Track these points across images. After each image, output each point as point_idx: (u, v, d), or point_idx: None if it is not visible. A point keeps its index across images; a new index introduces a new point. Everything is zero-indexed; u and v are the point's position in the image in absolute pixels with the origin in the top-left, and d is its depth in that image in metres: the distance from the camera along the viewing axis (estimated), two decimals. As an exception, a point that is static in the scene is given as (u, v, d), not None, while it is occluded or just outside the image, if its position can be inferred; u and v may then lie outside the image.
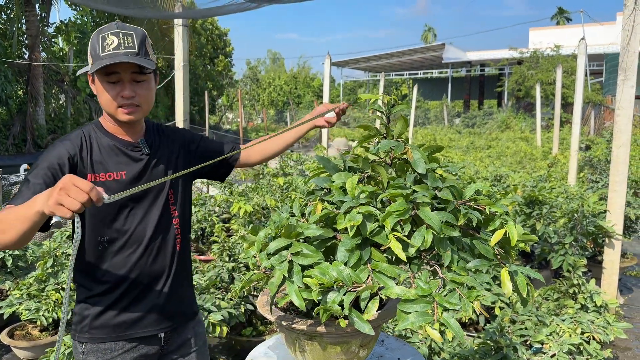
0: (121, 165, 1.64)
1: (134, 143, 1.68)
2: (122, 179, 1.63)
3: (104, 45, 1.53)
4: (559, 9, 49.32)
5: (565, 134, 14.35)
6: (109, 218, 1.62)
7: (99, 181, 1.60)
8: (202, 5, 6.43)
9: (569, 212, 4.36)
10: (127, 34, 1.56)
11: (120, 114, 1.60)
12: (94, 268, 1.65)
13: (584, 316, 3.23)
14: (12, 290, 3.69)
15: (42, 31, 19.52)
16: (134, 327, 1.69)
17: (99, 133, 1.66)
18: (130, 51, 1.54)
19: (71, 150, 1.57)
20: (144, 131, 1.74)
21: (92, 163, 1.60)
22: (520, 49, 26.56)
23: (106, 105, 1.59)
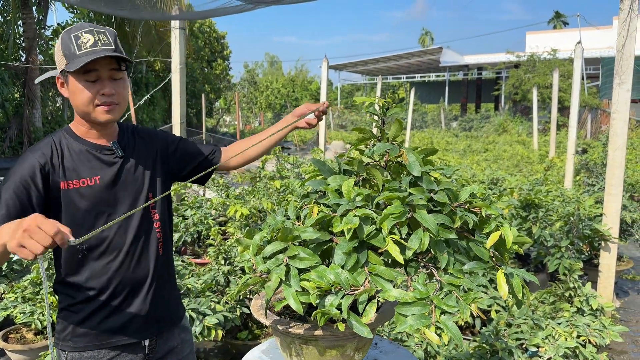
0: (94, 170, 1.60)
1: (107, 146, 1.64)
2: (97, 184, 1.59)
3: (79, 44, 1.50)
4: (555, 13, 49.56)
5: (562, 137, 14.40)
6: (87, 225, 1.58)
7: (73, 188, 1.56)
8: (198, 7, 6.43)
9: (565, 216, 4.37)
10: (101, 32, 1.54)
11: (100, 113, 1.56)
12: (74, 276, 1.62)
13: (580, 320, 3.23)
14: (6, 293, 3.67)
15: (39, 34, 19.51)
16: (117, 334, 1.65)
17: (70, 138, 1.62)
18: (108, 47, 1.52)
19: (41, 159, 1.53)
20: (116, 133, 1.69)
21: (64, 170, 1.56)
22: (517, 53, 26.65)
23: (84, 105, 1.54)
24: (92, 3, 7.34)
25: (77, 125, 1.63)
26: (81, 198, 1.56)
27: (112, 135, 1.67)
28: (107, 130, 1.65)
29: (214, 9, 5.47)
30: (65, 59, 1.52)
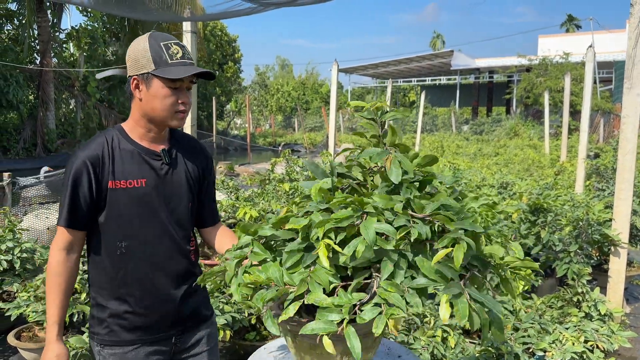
0: (142, 172, 1.69)
1: (156, 152, 1.72)
2: (142, 187, 1.68)
3: (170, 53, 1.63)
4: (568, 16, 49.22)
5: (574, 141, 14.28)
6: (127, 225, 1.68)
7: (119, 188, 1.65)
8: (210, 9, 6.50)
9: (574, 220, 4.35)
10: (183, 46, 1.69)
11: (175, 120, 1.68)
12: (111, 271, 1.71)
13: (588, 324, 3.22)
14: (19, 292, 3.73)
15: (54, 37, 19.76)
16: (148, 330, 1.74)
17: (122, 139, 1.70)
18: (193, 62, 1.68)
19: (91, 159, 1.63)
20: (167, 140, 1.78)
21: (114, 170, 1.65)
22: (529, 56, 26.51)
23: (164, 109, 1.65)
24: (106, 6, 7.44)
25: (134, 126, 1.72)
26: (126, 198, 1.66)
27: (163, 141, 1.76)
28: (161, 136, 1.74)
29: (223, 12, 5.53)
30: (153, 63, 1.61)
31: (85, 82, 20.74)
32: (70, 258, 1.68)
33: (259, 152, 24.50)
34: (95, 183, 1.63)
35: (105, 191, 1.65)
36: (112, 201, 1.65)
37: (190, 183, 1.80)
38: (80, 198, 1.63)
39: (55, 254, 1.66)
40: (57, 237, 1.67)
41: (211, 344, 1.93)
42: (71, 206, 1.63)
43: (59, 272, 1.66)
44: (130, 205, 1.67)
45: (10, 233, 4.14)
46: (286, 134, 33.97)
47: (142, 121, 1.70)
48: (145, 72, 1.63)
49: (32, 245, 4.28)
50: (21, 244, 4.11)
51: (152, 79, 1.62)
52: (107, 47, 22.68)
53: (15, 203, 6.07)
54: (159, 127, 1.71)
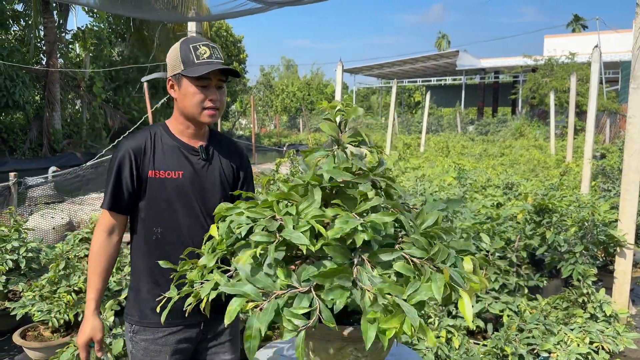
0: (180, 165, 1.82)
1: (195, 148, 1.86)
2: (179, 178, 1.81)
3: (198, 54, 1.75)
4: (574, 16, 49.02)
5: (580, 142, 14.22)
6: (162, 213, 1.81)
7: (159, 177, 1.80)
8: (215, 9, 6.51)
9: (579, 221, 4.33)
10: (214, 47, 1.80)
11: (205, 116, 1.80)
12: (147, 255, 1.84)
13: (593, 326, 3.20)
14: (25, 291, 3.75)
15: (60, 38, 19.85)
16: (178, 315, 1.79)
17: (164, 134, 1.85)
18: (221, 61, 1.78)
19: (134, 149, 1.79)
20: (206, 137, 1.91)
21: (154, 161, 1.80)
22: (535, 57, 26.40)
23: (193, 107, 1.78)
24: (111, 6, 7.47)
25: (175, 123, 1.87)
26: (164, 188, 1.80)
27: (202, 138, 1.89)
28: (200, 132, 1.87)
29: (228, 12, 5.54)
30: (182, 64, 1.76)
31: (91, 83, 20.81)
32: (111, 240, 1.83)
33: (264, 153, 24.52)
34: (137, 171, 1.78)
35: (146, 179, 1.79)
36: (151, 189, 1.80)
37: (224, 179, 1.90)
38: (123, 184, 1.77)
39: (98, 236, 1.82)
40: (100, 220, 1.83)
41: (233, 334, 2.01)
42: (114, 191, 1.77)
43: (101, 253, 1.81)
44: (167, 195, 1.80)
45: (16, 233, 4.16)
46: (291, 134, 33.98)
47: (180, 118, 1.84)
48: (176, 73, 1.78)
49: (38, 244, 4.30)
50: (27, 244, 4.13)
51: (182, 79, 1.77)
52: (113, 48, 22.76)
53: (21, 203, 6.10)
54: (195, 124, 1.83)
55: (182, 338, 1.87)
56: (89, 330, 1.80)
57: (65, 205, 6.27)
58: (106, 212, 1.81)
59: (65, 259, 3.70)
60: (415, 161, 10.98)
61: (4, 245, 4.03)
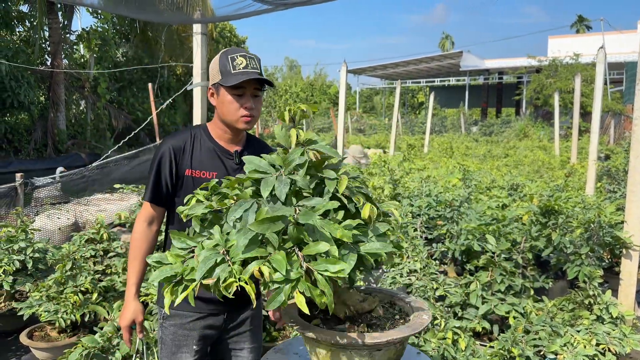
0: (215, 167, 1.95)
1: (230, 151, 1.98)
2: (213, 179, 1.86)
3: (235, 64, 1.86)
4: (578, 17, 48.88)
5: (584, 143, 14.18)
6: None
7: (195, 176, 1.92)
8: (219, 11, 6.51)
9: (585, 222, 4.32)
10: (251, 57, 1.90)
11: (241, 123, 1.91)
12: None
13: (600, 327, 3.20)
14: (31, 292, 3.76)
15: (64, 38, 19.91)
16: (203, 303, 1.95)
17: (204, 136, 1.98)
18: (256, 71, 1.87)
19: (175, 147, 1.92)
20: (243, 142, 2.03)
21: (192, 161, 1.93)
22: (539, 57, 26.34)
23: (230, 114, 1.90)
24: (116, 7, 7.49)
25: (215, 127, 1.99)
26: (197, 186, 1.85)
27: (239, 143, 2.01)
28: (237, 137, 2.00)
29: (233, 13, 5.54)
30: (220, 74, 1.88)
31: (95, 84, 20.86)
32: (151, 230, 1.97)
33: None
34: (176, 167, 1.91)
35: (182, 176, 1.92)
36: (186, 186, 1.92)
37: None
38: (162, 178, 1.91)
39: (138, 225, 1.96)
40: (141, 211, 1.97)
41: (254, 324, 2.10)
42: (155, 184, 1.92)
43: (142, 240, 1.95)
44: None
45: (22, 233, 4.18)
46: (294, 135, 33.92)
47: (219, 123, 1.97)
48: (215, 83, 1.91)
49: (44, 245, 4.32)
50: (33, 244, 4.15)
51: (220, 88, 1.90)
52: (118, 49, 22.82)
53: (27, 203, 6.13)
54: (232, 129, 1.95)
55: (208, 324, 1.98)
56: (130, 313, 1.94)
57: (71, 206, 6.29)
58: (147, 203, 1.95)
59: (71, 260, 3.71)
60: (420, 162, 10.97)
61: (11, 246, 4.05)
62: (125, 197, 6.77)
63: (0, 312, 4.03)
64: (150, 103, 9.74)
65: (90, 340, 2.68)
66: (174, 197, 1.95)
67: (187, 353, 1.97)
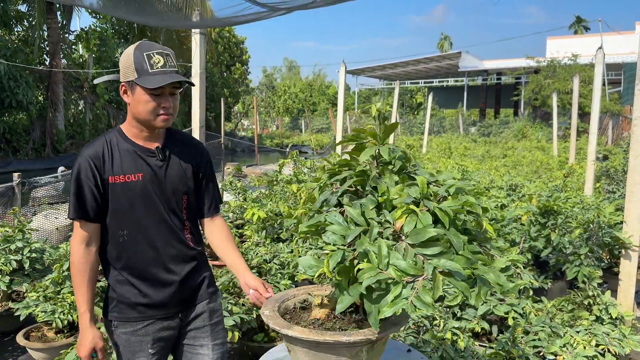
0: (138, 168, 1.86)
1: (151, 149, 1.89)
2: (139, 181, 1.85)
3: (152, 63, 1.78)
4: (577, 18, 48.96)
5: (582, 143, 14.19)
6: (127, 216, 1.85)
7: (118, 182, 1.83)
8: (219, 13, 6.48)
9: (584, 223, 4.31)
10: (167, 54, 1.82)
11: (159, 122, 1.83)
12: (116, 257, 1.89)
13: (599, 328, 3.19)
14: (28, 292, 3.74)
15: (63, 38, 19.88)
16: (153, 309, 1.91)
17: (120, 139, 1.88)
18: (174, 70, 1.82)
19: (93, 157, 1.82)
20: (163, 138, 1.94)
21: (113, 167, 1.83)
22: (537, 58, 26.36)
23: (146, 114, 1.81)
24: (115, 10, 7.46)
25: (129, 127, 1.89)
26: (124, 191, 1.84)
27: (158, 139, 1.92)
28: (155, 134, 1.90)
29: (233, 16, 5.52)
30: (135, 72, 1.78)
31: (94, 84, 20.82)
32: (89, 251, 1.85)
33: (267, 154, 24.52)
34: (100, 177, 1.81)
35: (108, 185, 1.83)
36: (113, 194, 1.83)
37: (185, 177, 1.94)
38: (86, 190, 1.80)
39: (75, 249, 1.84)
40: (74, 233, 1.86)
41: (214, 319, 2.04)
42: (77, 198, 1.80)
43: (83, 265, 1.83)
44: (129, 198, 1.84)
45: (20, 233, 4.16)
46: (293, 135, 33.97)
47: (134, 122, 1.87)
48: (129, 80, 1.80)
49: (42, 245, 4.30)
50: (30, 244, 4.12)
51: (135, 87, 1.79)
52: (117, 49, 22.79)
53: (25, 203, 6.10)
54: (149, 128, 1.86)
55: (162, 327, 1.92)
56: (89, 341, 1.85)
57: (68, 206, 6.27)
58: (77, 223, 1.83)
59: (68, 260, 3.69)
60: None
61: (8, 246, 4.02)
62: (123, 197, 6.74)
63: (-3, 313, 4.01)
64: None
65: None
66: (105, 209, 1.84)
67: (143, 357, 1.91)
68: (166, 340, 1.96)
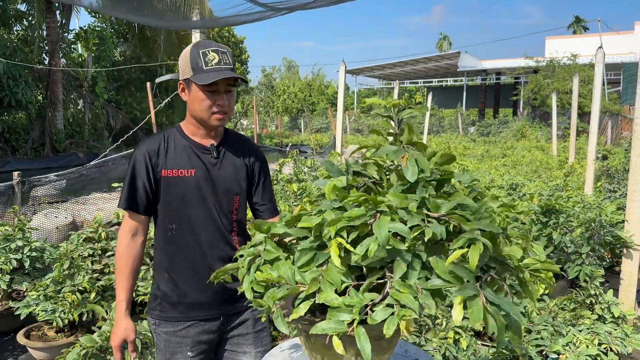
0: (192, 164, 1.89)
1: (206, 147, 1.92)
2: (192, 176, 1.88)
3: (207, 60, 1.81)
4: (575, 17, 48.98)
5: (582, 143, 14.20)
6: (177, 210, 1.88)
7: (171, 176, 1.87)
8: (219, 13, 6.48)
9: (586, 222, 4.31)
10: (223, 52, 1.84)
11: (214, 120, 1.86)
12: (164, 253, 1.92)
13: (602, 327, 3.18)
14: (29, 291, 3.73)
15: (62, 37, 19.86)
16: (194, 309, 1.91)
17: (178, 135, 1.92)
18: (229, 67, 1.83)
19: (149, 151, 1.87)
20: (220, 137, 1.97)
21: (167, 161, 1.87)
22: (537, 58, 26.38)
23: (202, 111, 1.84)
24: (114, 9, 7.45)
25: (187, 124, 1.94)
26: (176, 185, 1.87)
27: (215, 138, 1.95)
28: (212, 133, 1.93)
29: (235, 16, 5.52)
30: (192, 70, 1.82)
31: (93, 83, 20.81)
32: (135, 242, 1.90)
33: (266, 153, 24.42)
34: (152, 171, 1.86)
35: (160, 179, 1.86)
36: (164, 188, 1.87)
37: (238, 177, 1.95)
38: (138, 183, 1.85)
39: (121, 238, 1.89)
40: (123, 222, 1.91)
41: (258, 326, 2.02)
42: (129, 189, 1.85)
43: (126, 255, 1.88)
44: (180, 192, 1.87)
45: (20, 232, 4.15)
46: (292, 135, 33.96)
47: (191, 120, 1.92)
48: (186, 78, 1.85)
49: (42, 244, 4.29)
50: (31, 243, 4.11)
51: (191, 84, 1.83)
52: (116, 48, 22.76)
53: (25, 202, 6.09)
54: (205, 126, 1.90)
55: (202, 330, 1.92)
56: (121, 331, 1.86)
57: (68, 205, 6.26)
58: (127, 214, 1.89)
59: (69, 259, 3.68)
60: (418, 162, 10.94)
61: (8, 245, 4.01)
62: (123, 197, 6.73)
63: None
64: (148, 102, 9.72)
65: (88, 340, 2.65)
66: (155, 203, 1.89)
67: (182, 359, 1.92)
68: (206, 345, 1.95)
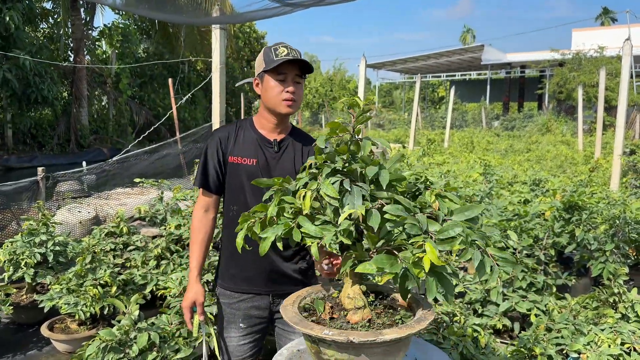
0: (256, 154, 2.10)
1: (270, 140, 2.13)
2: (253, 165, 2.10)
3: (277, 53, 2.02)
4: (603, 9, 47.81)
5: (608, 137, 13.87)
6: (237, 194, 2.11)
7: (236, 163, 2.10)
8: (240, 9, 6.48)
9: (610, 218, 4.21)
10: (292, 48, 2.05)
11: (283, 107, 2.04)
12: (227, 229, 2.14)
13: (625, 326, 3.10)
14: (52, 284, 3.80)
15: (87, 35, 20.16)
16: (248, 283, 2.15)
17: (248, 126, 2.16)
18: (297, 57, 2.02)
19: (222, 137, 2.13)
20: (286, 132, 2.16)
21: (235, 148, 2.12)
22: (562, 51, 25.87)
23: (273, 98, 2.04)
24: (136, 7, 7.53)
25: (259, 118, 2.16)
26: (239, 171, 2.11)
27: (281, 132, 2.16)
28: (280, 126, 2.14)
29: (254, 12, 5.52)
30: (264, 63, 2.04)
31: (117, 79, 21.10)
32: (207, 216, 2.17)
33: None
34: (223, 155, 2.11)
35: (227, 163, 2.12)
36: (230, 172, 2.12)
37: (295, 171, 2.09)
38: (210, 165, 2.11)
39: (195, 213, 2.18)
40: (197, 199, 2.20)
41: None
42: (203, 170, 2.12)
43: (198, 227, 2.16)
44: (242, 178, 2.09)
45: (44, 226, 4.23)
46: (313, 130, 33.93)
47: (264, 112, 2.13)
48: (260, 72, 2.07)
49: (65, 238, 4.37)
50: (54, 237, 4.19)
51: (264, 76, 2.05)
52: (139, 45, 23.02)
53: (49, 197, 6.21)
54: (276, 116, 2.09)
55: (252, 305, 2.15)
56: (192, 294, 2.11)
57: (91, 200, 6.36)
58: (200, 191, 2.17)
59: (91, 253, 3.74)
60: (439, 157, 10.85)
61: (32, 239, 4.10)
62: (145, 191, 6.81)
63: (22, 304, 4.09)
64: (170, 99, 9.81)
65: (107, 333, 2.69)
66: (224, 184, 2.13)
67: (234, 329, 2.17)
68: (258, 319, 2.17)
